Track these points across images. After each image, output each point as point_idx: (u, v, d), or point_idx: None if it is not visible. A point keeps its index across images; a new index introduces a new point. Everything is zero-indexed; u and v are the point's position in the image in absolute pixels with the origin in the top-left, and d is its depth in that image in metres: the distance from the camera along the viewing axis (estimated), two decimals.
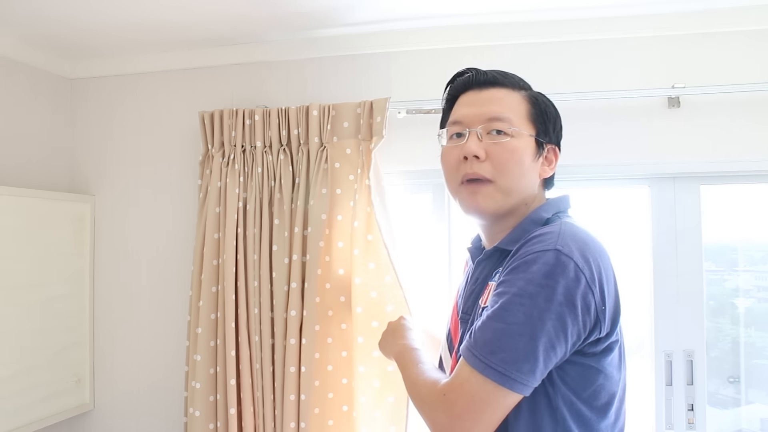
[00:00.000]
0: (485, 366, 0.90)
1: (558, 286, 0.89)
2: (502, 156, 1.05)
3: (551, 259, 0.91)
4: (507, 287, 0.93)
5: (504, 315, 0.91)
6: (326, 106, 1.81)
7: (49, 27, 1.86)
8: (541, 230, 1.00)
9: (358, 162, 1.80)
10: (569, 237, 0.95)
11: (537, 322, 0.89)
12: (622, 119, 1.77)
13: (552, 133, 1.11)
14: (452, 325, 1.18)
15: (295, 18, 1.80)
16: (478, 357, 0.91)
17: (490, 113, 1.06)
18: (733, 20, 1.71)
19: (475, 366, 0.91)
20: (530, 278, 0.91)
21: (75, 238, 2.10)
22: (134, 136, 2.16)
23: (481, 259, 1.12)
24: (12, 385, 1.84)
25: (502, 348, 0.89)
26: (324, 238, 1.78)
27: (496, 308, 0.92)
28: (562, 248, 0.92)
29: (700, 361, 1.77)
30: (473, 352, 0.92)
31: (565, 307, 0.89)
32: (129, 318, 2.13)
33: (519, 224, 1.08)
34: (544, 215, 1.07)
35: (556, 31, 1.81)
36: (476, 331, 0.94)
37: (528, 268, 0.92)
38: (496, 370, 0.89)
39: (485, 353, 0.90)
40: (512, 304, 0.90)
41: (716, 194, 1.81)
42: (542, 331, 0.88)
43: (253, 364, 1.83)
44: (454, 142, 1.10)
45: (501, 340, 0.90)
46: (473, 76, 1.11)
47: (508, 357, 0.89)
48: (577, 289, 0.90)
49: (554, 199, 1.12)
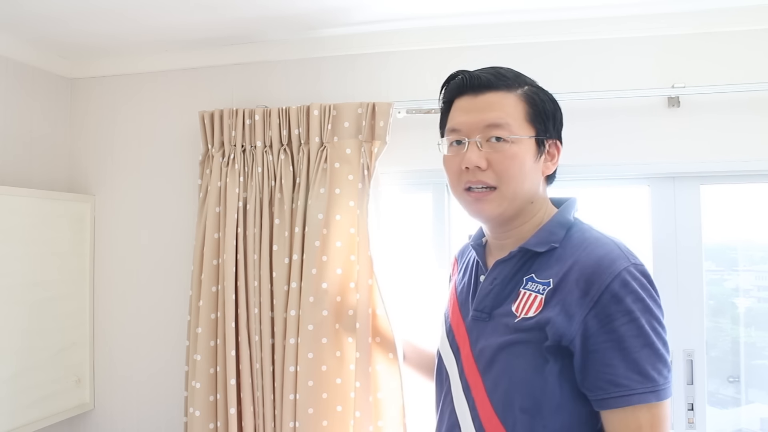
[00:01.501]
0: (650, 393, 0.94)
1: (653, 293, 0.98)
2: (503, 163, 1.05)
3: (637, 275, 0.98)
4: (624, 317, 0.95)
5: (641, 341, 0.95)
6: (327, 106, 1.81)
7: (49, 27, 1.86)
8: (590, 242, 1.04)
9: (357, 162, 1.80)
10: (624, 246, 1.03)
11: (660, 329, 0.97)
12: (622, 119, 1.77)
13: (552, 129, 1.11)
14: (453, 321, 1.18)
15: (295, 18, 1.80)
16: (648, 391, 0.94)
17: (488, 120, 1.06)
18: (733, 20, 1.71)
19: (651, 400, 0.94)
20: (635, 298, 0.96)
21: (75, 238, 2.10)
22: (134, 136, 2.16)
23: (502, 260, 1.11)
24: (12, 385, 1.84)
25: (655, 368, 0.95)
26: (320, 238, 1.78)
27: (629, 339, 0.95)
28: (633, 260, 1.00)
29: (700, 360, 1.77)
30: (638, 390, 0.95)
31: (660, 308, 0.99)
32: (129, 318, 2.13)
33: (544, 226, 1.09)
34: (569, 217, 1.10)
35: (556, 30, 1.81)
36: (620, 369, 0.95)
37: (627, 292, 0.96)
38: (665, 388, 0.95)
39: (645, 381, 0.94)
40: (640, 328, 0.95)
41: (716, 194, 1.81)
42: (665, 333, 0.98)
43: (253, 363, 1.83)
44: (455, 149, 1.10)
45: (652, 362, 0.95)
46: (466, 80, 1.09)
47: (663, 369, 0.96)
48: (656, 288, 1.00)
49: (570, 199, 1.14)
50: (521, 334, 1.02)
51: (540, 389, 1.00)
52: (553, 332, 0.98)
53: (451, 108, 1.13)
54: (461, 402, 1.09)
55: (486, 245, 1.20)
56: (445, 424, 1.14)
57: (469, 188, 1.08)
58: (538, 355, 1.00)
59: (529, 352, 1.01)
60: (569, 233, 1.07)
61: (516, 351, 1.03)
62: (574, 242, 1.05)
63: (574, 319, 0.97)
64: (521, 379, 1.02)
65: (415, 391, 1.72)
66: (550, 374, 0.99)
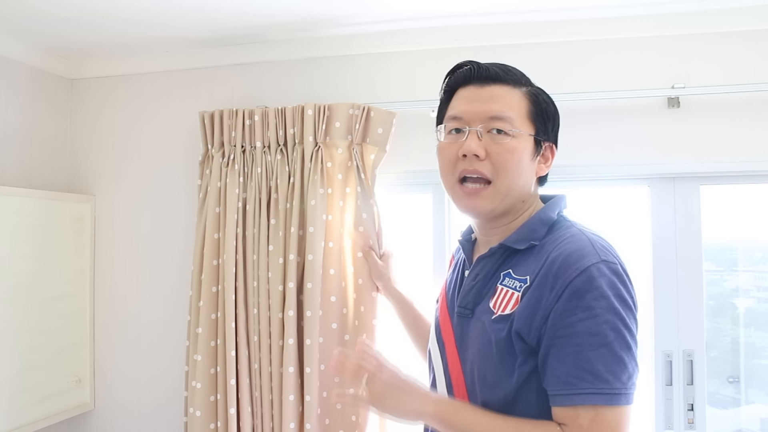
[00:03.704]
0: (598, 394, 0.89)
1: (623, 293, 0.94)
2: (502, 156, 1.04)
3: (605, 271, 0.94)
4: (583, 313, 0.92)
5: (598, 340, 0.91)
6: (321, 106, 1.81)
7: (49, 27, 1.86)
8: (565, 238, 1.01)
9: (346, 163, 1.81)
10: (599, 243, 0.99)
11: (624, 332, 0.92)
12: (622, 119, 1.77)
13: (551, 132, 1.11)
14: (441, 317, 1.18)
15: (296, 18, 1.80)
16: (596, 392, 0.90)
17: (492, 112, 1.05)
18: (733, 20, 1.71)
19: (598, 402, 0.90)
20: (599, 295, 0.92)
21: (75, 238, 2.10)
22: (134, 136, 2.16)
23: (484, 256, 1.11)
24: (12, 385, 1.84)
25: (610, 370, 0.90)
26: (333, 239, 1.80)
27: (584, 336, 0.91)
28: (605, 257, 0.96)
29: (700, 361, 1.76)
30: (586, 389, 0.90)
31: (631, 310, 0.95)
32: (129, 318, 2.13)
33: (526, 223, 1.08)
34: (552, 215, 1.08)
35: (556, 31, 1.81)
36: (570, 367, 0.91)
37: (589, 288, 0.92)
38: (619, 393, 0.90)
39: (596, 382, 0.90)
40: (599, 326, 0.91)
41: (716, 194, 1.81)
42: (632, 338, 0.93)
43: (252, 364, 1.83)
44: (453, 137, 1.09)
45: (607, 363, 0.90)
46: (474, 70, 1.09)
47: (621, 374, 0.90)
48: (632, 289, 0.96)
49: (557, 197, 1.12)
50: (496, 332, 1.00)
51: (512, 390, 0.98)
52: (518, 327, 0.96)
53: (454, 96, 1.12)
54: None
55: (475, 242, 1.20)
56: None
57: (463, 180, 1.07)
58: (512, 353, 0.98)
59: (502, 350, 0.99)
60: (551, 231, 1.06)
61: (490, 349, 1.01)
62: (551, 239, 1.03)
63: (538, 315, 0.95)
64: (494, 379, 1.00)
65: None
66: (521, 375, 0.97)
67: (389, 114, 1.79)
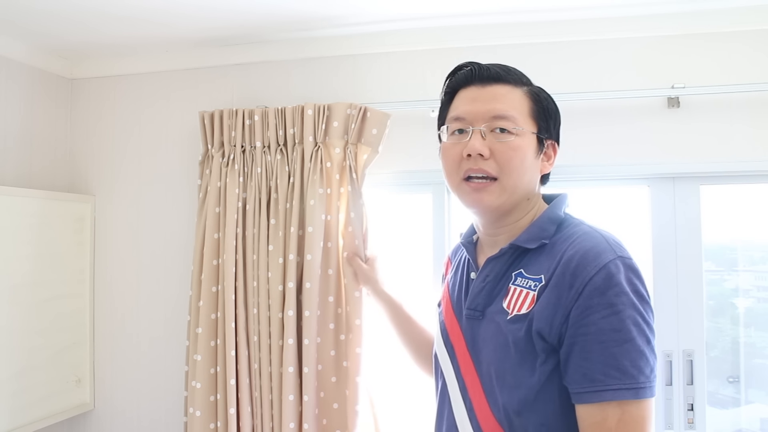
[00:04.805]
0: (626, 390, 0.90)
1: (639, 288, 0.95)
2: (506, 154, 1.05)
3: (622, 267, 0.95)
4: (605, 310, 0.93)
5: (622, 336, 0.92)
6: (320, 106, 1.82)
7: (49, 27, 1.86)
8: (578, 236, 1.02)
9: (341, 163, 1.82)
10: (612, 239, 1.00)
11: (644, 326, 0.93)
12: (622, 119, 1.77)
13: (552, 129, 1.12)
14: (447, 321, 1.17)
15: (295, 18, 1.80)
16: (624, 387, 0.91)
17: (495, 111, 1.06)
18: (733, 20, 1.71)
19: (626, 397, 0.91)
20: (619, 291, 0.93)
21: (75, 238, 2.10)
22: (134, 136, 2.16)
23: (493, 257, 1.10)
24: (12, 385, 1.84)
25: (635, 365, 0.91)
26: (331, 239, 1.81)
27: (608, 333, 0.92)
28: (621, 253, 0.97)
29: (700, 361, 1.76)
30: (613, 385, 0.91)
31: (648, 303, 0.96)
32: (129, 318, 2.13)
33: (535, 222, 1.08)
34: (560, 213, 1.09)
35: (556, 31, 1.81)
36: (595, 364, 0.92)
37: (609, 285, 0.93)
38: (644, 387, 0.91)
39: (623, 378, 0.91)
40: (622, 322, 0.92)
41: (716, 194, 1.81)
42: (650, 331, 0.94)
43: (252, 364, 1.83)
44: (456, 138, 1.10)
45: (632, 359, 0.91)
46: (475, 70, 1.10)
47: (644, 368, 0.91)
48: (644, 283, 0.97)
49: (561, 196, 1.13)
50: (513, 332, 1.00)
51: (533, 389, 0.98)
52: (539, 327, 0.97)
53: (455, 97, 1.13)
54: (458, 403, 1.09)
55: (477, 243, 1.20)
56: (444, 424, 1.13)
57: (469, 178, 1.07)
58: (532, 353, 0.98)
59: (521, 350, 0.99)
60: (559, 229, 1.06)
61: (508, 350, 1.01)
62: (563, 237, 1.04)
63: (558, 314, 0.96)
64: (514, 379, 1.00)
65: (413, 389, 1.73)
66: (543, 374, 0.98)
67: (384, 115, 1.80)
